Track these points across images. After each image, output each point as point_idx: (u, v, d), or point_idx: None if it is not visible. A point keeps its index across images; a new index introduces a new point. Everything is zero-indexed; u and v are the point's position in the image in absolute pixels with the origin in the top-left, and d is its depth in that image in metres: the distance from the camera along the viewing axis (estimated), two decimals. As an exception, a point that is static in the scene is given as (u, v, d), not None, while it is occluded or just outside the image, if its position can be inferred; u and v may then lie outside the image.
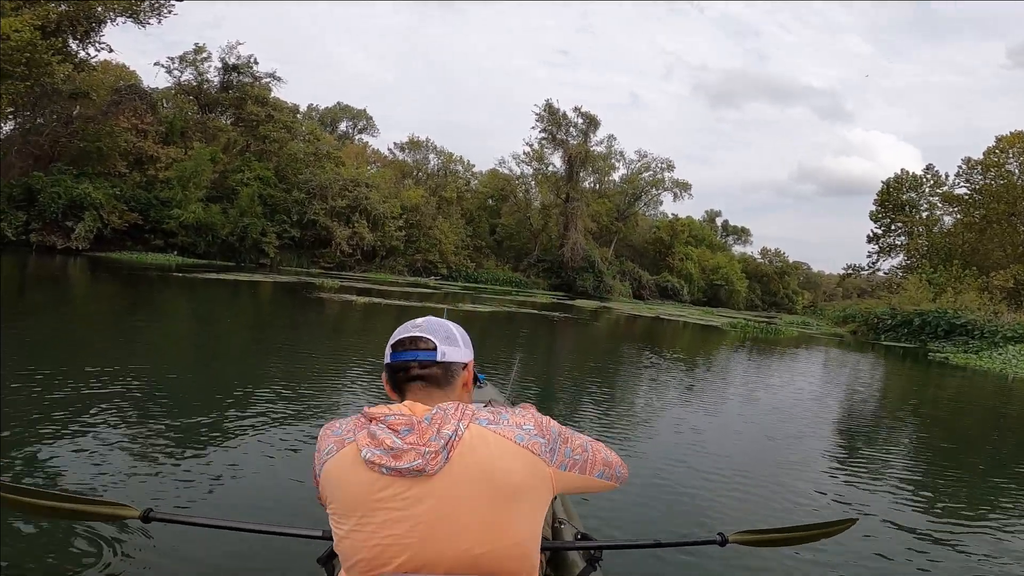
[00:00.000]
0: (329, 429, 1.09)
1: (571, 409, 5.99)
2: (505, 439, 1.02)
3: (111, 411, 4.10)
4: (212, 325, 10.55)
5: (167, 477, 3.11)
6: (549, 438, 1.07)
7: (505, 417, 1.06)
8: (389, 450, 0.98)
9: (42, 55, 20.24)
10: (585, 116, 51.23)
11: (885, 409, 8.71)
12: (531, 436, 1.05)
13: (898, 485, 4.40)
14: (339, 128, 60.73)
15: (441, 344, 1.11)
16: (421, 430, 1.00)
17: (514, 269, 49.84)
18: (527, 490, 1.03)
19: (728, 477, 4.06)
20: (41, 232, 27.15)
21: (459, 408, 1.03)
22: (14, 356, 5.41)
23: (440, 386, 1.11)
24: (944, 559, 3.10)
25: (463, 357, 1.15)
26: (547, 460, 1.06)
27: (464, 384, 1.15)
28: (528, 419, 1.07)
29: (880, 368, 15.61)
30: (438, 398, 1.09)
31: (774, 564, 2.68)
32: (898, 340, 24.90)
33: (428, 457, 0.97)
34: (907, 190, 43.93)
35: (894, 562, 2.97)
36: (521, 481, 1.02)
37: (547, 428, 1.08)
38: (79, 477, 3.00)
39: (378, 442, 0.99)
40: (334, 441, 1.05)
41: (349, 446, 1.02)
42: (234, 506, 2.87)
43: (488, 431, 1.02)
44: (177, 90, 37.30)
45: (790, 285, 74.19)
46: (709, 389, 8.48)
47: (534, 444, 1.04)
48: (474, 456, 1.00)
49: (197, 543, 2.37)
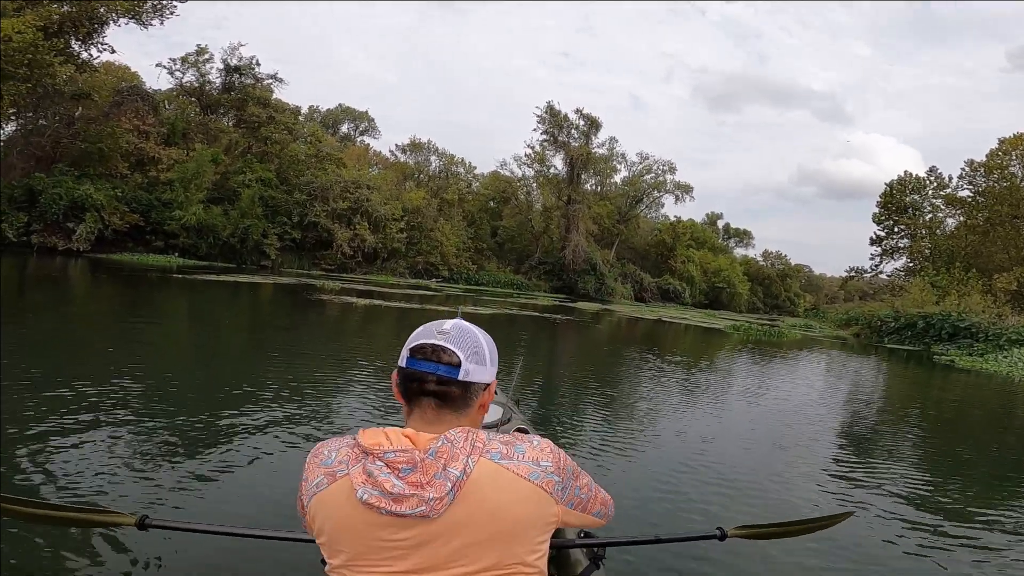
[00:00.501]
0: (317, 457, 1.00)
1: (573, 411, 5.92)
2: (518, 477, 0.94)
3: (107, 413, 4.07)
4: (209, 327, 10.50)
5: (164, 482, 3.08)
6: (564, 476, 1.00)
7: (520, 449, 0.97)
8: (388, 494, 0.89)
9: (44, 56, 20.22)
10: (586, 118, 51.22)
11: (890, 411, 8.62)
12: (547, 474, 0.97)
13: (900, 484, 4.35)
14: (341, 130, 60.79)
15: (467, 361, 0.99)
16: (425, 467, 0.91)
17: (515, 271, 49.78)
18: (535, 529, 0.97)
19: (729, 476, 4.04)
20: (42, 233, 27.15)
21: (468, 439, 0.94)
22: (13, 355, 5.40)
23: (455, 408, 1.00)
24: (941, 555, 3.10)
25: (487, 377, 1.04)
26: (557, 498, 0.99)
27: (481, 405, 1.05)
28: (547, 454, 0.99)
29: (884, 371, 15.51)
30: (449, 420, 0.99)
31: (773, 558, 2.71)
32: (902, 343, 24.79)
33: (432, 503, 0.89)
34: (910, 192, 43.83)
35: (891, 556, 2.99)
36: (530, 521, 0.95)
37: (563, 466, 1.01)
38: (75, 480, 2.98)
39: (376, 483, 0.90)
40: (324, 473, 0.96)
41: (342, 480, 0.94)
42: (231, 511, 2.84)
43: (500, 467, 0.94)
44: (179, 91, 37.34)
45: (792, 288, 74.12)
46: (711, 391, 8.39)
47: (548, 483, 0.97)
48: (482, 495, 0.92)
49: (194, 549, 2.34)
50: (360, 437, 0.95)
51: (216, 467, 3.35)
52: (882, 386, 12.17)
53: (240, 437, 3.90)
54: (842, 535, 2.95)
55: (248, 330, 10.55)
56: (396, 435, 0.94)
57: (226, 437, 3.88)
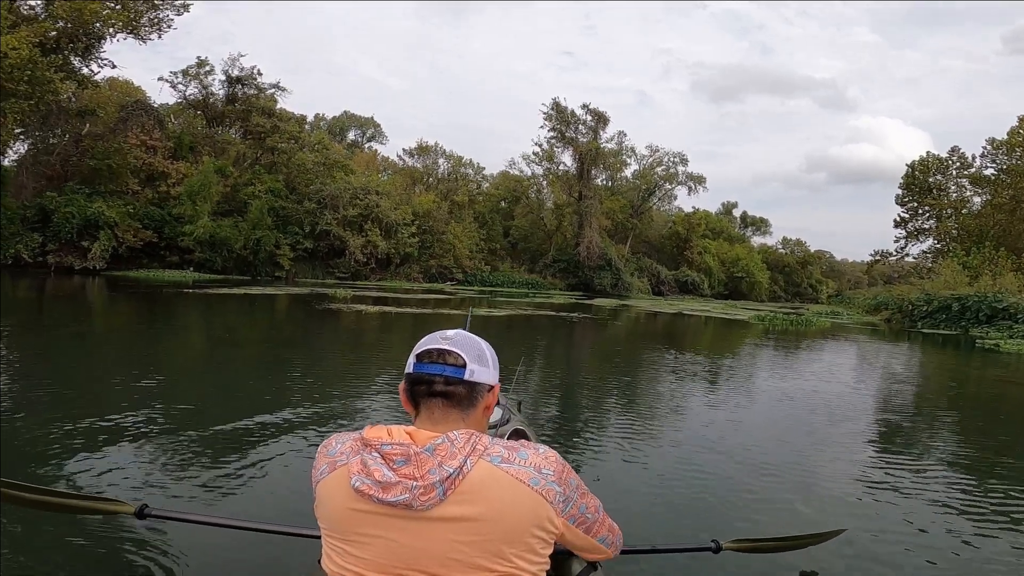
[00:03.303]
0: (326, 447, 1.04)
1: (577, 413, 5.61)
2: (518, 481, 0.94)
3: (116, 412, 4.26)
4: (207, 339, 10.26)
5: (166, 476, 3.16)
6: (566, 488, 1.01)
7: (523, 455, 0.97)
8: (378, 483, 0.92)
9: (44, 72, 20.17)
10: (593, 113, 50.50)
11: (942, 406, 7.89)
12: (548, 481, 0.97)
13: (926, 492, 3.76)
14: (348, 137, 60.83)
15: (471, 362, 1.04)
16: (420, 461, 0.93)
17: (530, 271, 49.32)
18: (532, 536, 0.96)
19: (736, 485, 3.72)
20: (58, 253, 27.28)
21: (469, 440, 0.95)
22: (35, 364, 5.90)
23: (462, 407, 1.03)
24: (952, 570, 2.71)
25: (490, 379, 1.08)
26: (559, 510, 0.99)
27: (486, 408, 1.07)
28: (550, 462, 0.99)
29: (923, 358, 14.65)
30: (455, 420, 1.02)
31: (767, 572, 2.55)
32: (936, 327, 23.76)
33: (416, 492, 0.91)
34: (933, 173, 42.55)
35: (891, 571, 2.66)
36: (526, 526, 0.95)
37: (566, 478, 1.01)
38: (78, 471, 3.11)
39: (369, 472, 0.93)
40: (327, 462, 1.01)
41: (340, 469, 0.98)
42: (234, 506, 2.87)
43: (500, 470, 0.94)
44: (184, 105, 37.43)
45: (813, 275, 72.66)
46: (732, 389, 7.67)
47: (549, 491, 0.97)
48: (479, 496, 0.92)
49: (194, 541, 2.34)
50: (364, 431, 0.99)
51: (219, 465, 3.39)
52: (927, 375, 11.38)
53: (242, 437, 3.98)
54: (841, 548, 2.68)
55: (247, 341, 10.28)
56: (398, 431, 0.97)
57: (230, 437, 3.97)
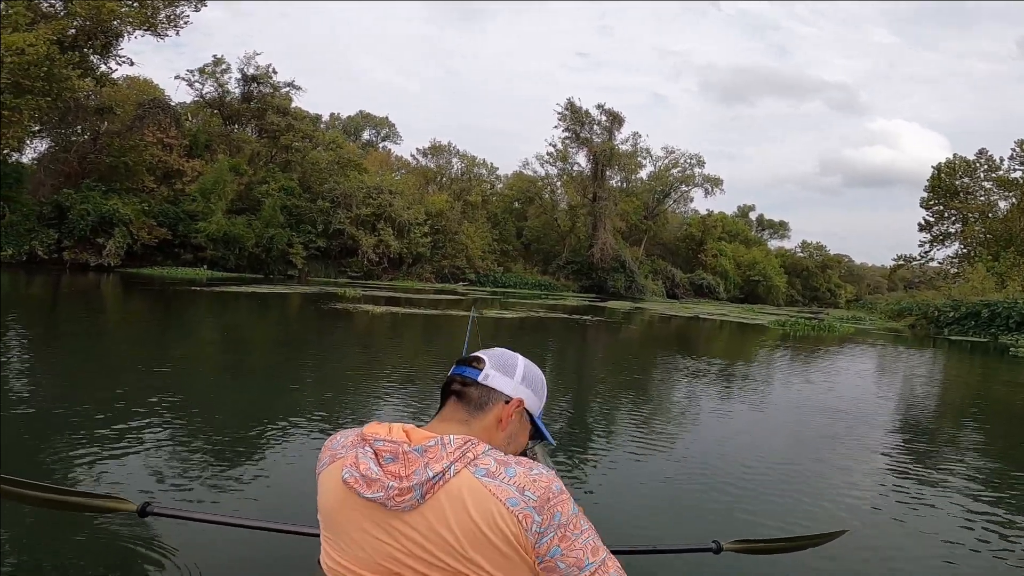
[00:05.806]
0: (332, 440, 1.06)
1: (584, 417, 5.44)
2: (496, 499, 0.88)
3: (120, 409, 4.28)
4: (209, 341, 10.04)
5: (170, 473, 3.15)
6: (546, 520, 0.90)
7: (512, 472, 0.91)
8: (363, 477, 0.93)
9: (61, 69, 20.26)
10: (608, 113, 49.93)
11: (966, 411, 7.41)
12: (527, 506, 0.89)
13: (938, 500, 3.61)
14: (363, 136, 60.95)
15: (491, 368, 1.06)
16: (407, 460, 0.92)
17: (543, 272, 48.93)
18: (502, 564, 0.90)
19: (741, 487, 3.69)
20: (73, 250, 27.47)
21: (462, 447, 0.92)
22: (44, 359, 6.00)
23: (470, 409, 1.04)
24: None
25: (510, 390, 1.06)
26: (533, 541, 0.89)
27: (499, 420, 1.04)
28: (538, 486, 0.90)
29: (955, 364, 14.03)
30: (461, 419, 1.03)
31: (768, 573, 2.56)
32: (964, 334, 22.96)
33: (391, 492, 0.90)
34: (960, 175, 41.39)
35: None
36: (490, 551, 0.89)
37: (552, 509, 0.90)
38: (80, 467, 3.14)
39: (357, 466, 0.94)
40: (329, 454, 1.02)
41: (337, 462, 0.99)
42: (237, 504, 2.87)
43: (480, 484, 0.90)
44: (201, 104, 37.64)
45: (832, 279, 71.31)
46: (747, 398, 7.32)
47: (525, 516, 0.88)
48: (453, 506, 0.89)
49: (197, 539, 2.34)
50: (366, 426, 0.99)
51: (223, 463, 3.38)
52: (953, 382, 10.82)
53: (247, 435, 3.99)
54: (842, 551, 2.58)
55: (255, 341, 10.05)
56: (397, 429, 0.97)
57: (235, 436, 3.97)
